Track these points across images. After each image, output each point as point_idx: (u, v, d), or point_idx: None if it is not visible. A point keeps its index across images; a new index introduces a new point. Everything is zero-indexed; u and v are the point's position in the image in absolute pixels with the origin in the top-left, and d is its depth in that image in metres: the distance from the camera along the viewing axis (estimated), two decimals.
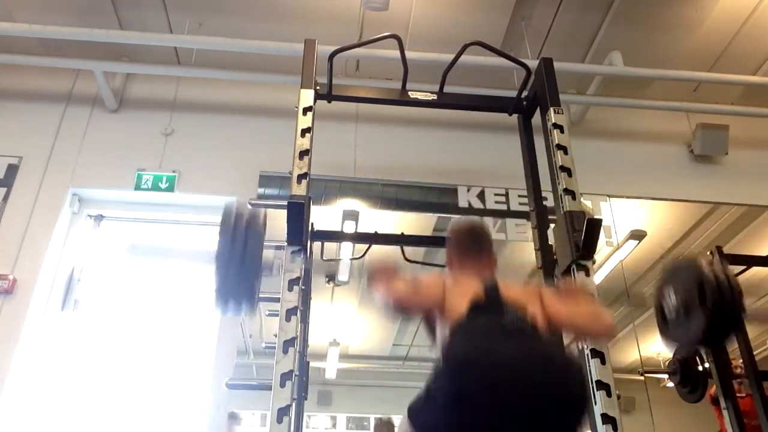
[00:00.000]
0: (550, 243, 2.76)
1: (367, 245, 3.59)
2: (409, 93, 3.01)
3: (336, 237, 3.77)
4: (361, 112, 4.39)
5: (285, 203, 2.28)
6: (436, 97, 3.01)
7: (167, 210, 4.15)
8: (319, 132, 2.55)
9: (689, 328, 1.92)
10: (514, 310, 1.66)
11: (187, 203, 4.13)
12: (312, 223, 2.89)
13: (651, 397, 4.26)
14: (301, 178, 2.43)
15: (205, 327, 3.72)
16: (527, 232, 3.65)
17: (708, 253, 3.75)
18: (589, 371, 2.15)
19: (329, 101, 2.95)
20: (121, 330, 3.85)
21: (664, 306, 1.98)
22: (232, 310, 1.87)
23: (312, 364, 3.58)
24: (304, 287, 2.41)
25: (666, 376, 4.15)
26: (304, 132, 2.53)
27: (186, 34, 4.14)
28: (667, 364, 3.99)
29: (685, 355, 2.03)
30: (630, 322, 4.65)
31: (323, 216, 4.09)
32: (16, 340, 3.49)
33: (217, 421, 3.38)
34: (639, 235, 4.48)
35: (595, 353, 2.16)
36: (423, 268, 1.97)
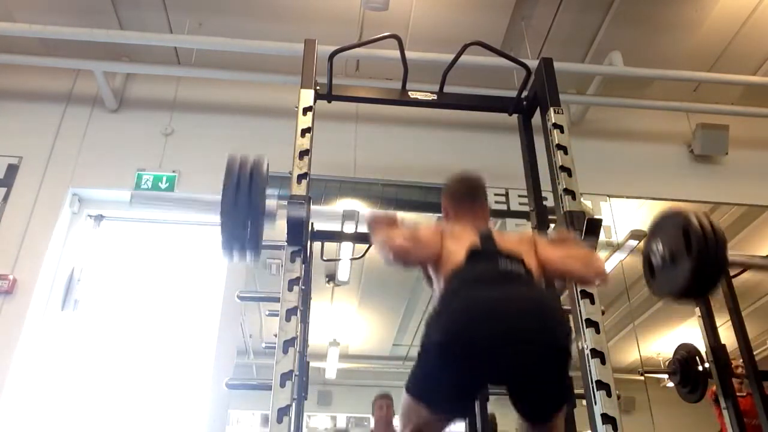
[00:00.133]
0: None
1: (367, 245, 3.59)
2: (409, 93, 3.00)
3: (336, 237, 3.76)
4: (361, 112, 4.39)
5: (285, 203, 2.28)
6: (436, 97, 3.00)
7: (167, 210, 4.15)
8: (319, 132, 2.55)
9: (675, 277, 1.95)
10: (509, 257, 1.73)
11: (187, 203, 4.13)
12: (312, 223, 2.89)
13: (651, 397, 4.26)
14: (301, 178, 2.42)
15: (205, 327, 3.72)
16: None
17: None
18: (589, 371, 2.15)
19: (329, 101, 2.95)
20: (121, 330, 3.85)
21: (651, 257, 2.00)
22: (237, 257, 1.91)
23: (312, 364, 3.58)
24: (304, 287, 2.41)
25: (666, 376, 4.15)
26: (304, 132, 2.52)
27: (186, 34, 4.14)
28: (667, 364, 4.00)
29: (672, 299, 2.05)
30: (630, 322, 4.66)
31: (323, 216, 4.09)
32: (16, 340, 3.50)
33: (217, 421, 3.38)
34: (639, 235, 4.48)
35: (595, 353, 2.16)
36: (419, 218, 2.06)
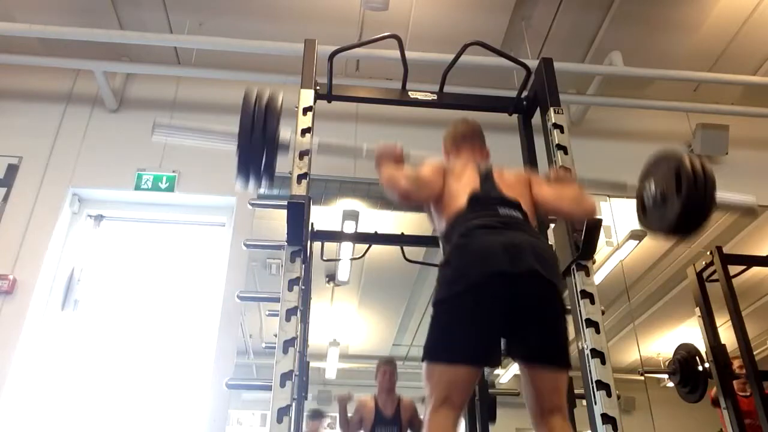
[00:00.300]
0: (551, 243, 2.76)
1: (367, 245, 3.59)
2: (409, 93, 3.00)
3: (336, 237, 3.77)
4: (361, 112, 4.39)
5: (285, 203, 2.28)
6: (436, 97, 3.00)
7: (167, 210, 4.16)
8: (319, 132, 2.55)
9: (665, 215, 2.04)
10: (508, 202, 1.88)
11: (187, 203, 4.14)
12: (312, 223, 2.89)
13: (651, 397, 4.27)
14: (301, 178, 2.42)
15: (205, 327, 3.72)
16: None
17: (708, 253, 3.76)
18: (589, 371, 2.15)
19: (329, 101, 2.94)
20: (121, 330, 3.85)
21: (644, 195, 2.07)
22: (252, 184, 1.99)
23: (312, 364, 3.58)
24: (304, 287, 2.41)
25: (666, 376, 4.15)
26: (304, 132, 2.52)
27: (186, 34, 4.14)
28: (667, 364, 4.00)
29: (660, 235, 2.12)
30: (630, 322, 4.66)
31: (323, 216, 4.09)
32: (16, 340, 3.49)
33: (217, 421, 3.38)
34: (639, 235, 4.48)
35: (595, 353, 2.16)
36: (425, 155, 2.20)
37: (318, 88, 2.75)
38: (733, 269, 3.71)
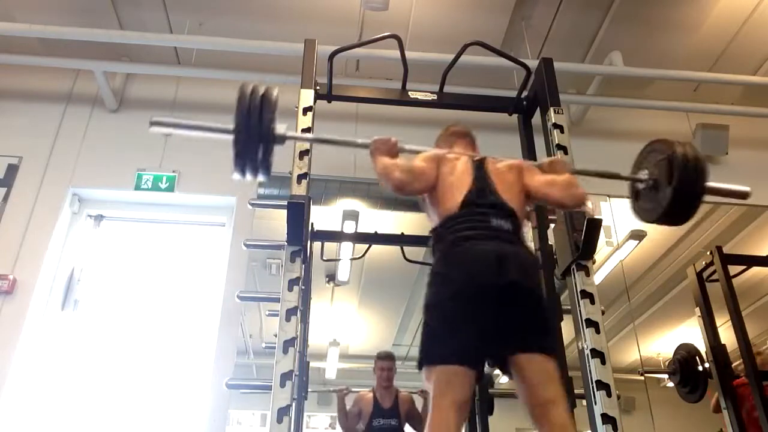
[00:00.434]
0: (550, 243, 2.77)
1: (367, 245, 3.59)
2: (409, 93, 3.01)
3: (336, 237, 3.77)
4: (361, 112, 4.38)
5: (285, 203, 2.29)
6: (436, 97, 3.01)
7: (167, 210, 4.16)
8: (319, 132, 2.55)
9: (656, 202, 2.06)
10: (500, 208, 1.90)
11: (187, 203, 4.14)
12: (312, 223, 2.89)
13: (651, 397, 4.26)
14: (301, 178, 2.43)
15: (205, 327, 3.72)
16: (527, 232, 3.65)
17: (708, 253, 3.76)
18: (589, 371, 2.15)
19: (329, 101, 2.95)
20: (121, 330, 3.85)
21: (638, 183, 2.08)
22: (249, 175, 2.02)
23: (312, 364, 3.58)
24: (304, 287, 2.41)
25: (666, 376, 4.15)
26: (304, 132, 2.53)
27: (186, 34, 4.14)
28: (667, 364, 4.00)
29: (650, 222, 2.15)
30: (630, 322, 4.65)
31: (323, 216, 4.09)
32: (16, 340, 3.49)
33: (217, 421, 3.38)
34: (639, 235, 4.48)
35: (595, 353, 2.16)
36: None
37: (318, 88, 2.76)
38: (733, 269, 3.71)
